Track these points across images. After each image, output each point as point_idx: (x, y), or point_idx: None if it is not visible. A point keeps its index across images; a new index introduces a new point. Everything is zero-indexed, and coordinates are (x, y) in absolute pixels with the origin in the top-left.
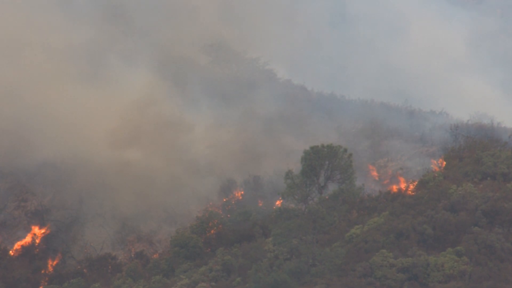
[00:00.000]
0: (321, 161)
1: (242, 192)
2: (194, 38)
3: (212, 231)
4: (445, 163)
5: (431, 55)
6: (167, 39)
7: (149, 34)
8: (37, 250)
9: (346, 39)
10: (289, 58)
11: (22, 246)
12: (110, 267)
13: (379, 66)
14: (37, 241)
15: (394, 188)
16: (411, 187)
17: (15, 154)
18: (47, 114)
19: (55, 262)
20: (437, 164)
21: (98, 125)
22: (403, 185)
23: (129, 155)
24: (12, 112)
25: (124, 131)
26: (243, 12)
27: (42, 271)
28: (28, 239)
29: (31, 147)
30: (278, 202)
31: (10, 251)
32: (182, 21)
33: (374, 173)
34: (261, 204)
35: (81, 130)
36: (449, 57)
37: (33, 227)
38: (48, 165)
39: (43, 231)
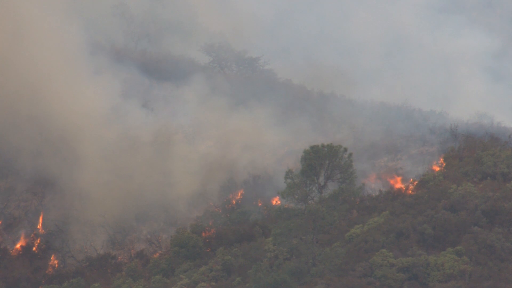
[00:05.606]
0: (321, 161)
1: (242, 192)
2: (194, 38)
3: (212, 231)
4: (445, 163)
5: (431, 55)
6: (167, 39)
7: (149, 34)
8: (37, 250)
9: (346, 39)
10: (288, 58)
11: (22, 246)
12: (110, 267)
13: (379, 66)
14: (37, 241)
15: (394, 187)
16: (411, 187)
17: (15, 154)
18: (46, 114)
19: (55, 262)
20: (437, 164)
21: (97, 126)
22: (403, 185)
23: (129, 155)
24: (12, 116)
25: (123, 132)
26: (243, 12)
27: (42, 271)
28: (28, 239)
29: (31, 146)
30: (274, 201)
31: (10, 251)
32: (182, 21)
33: (374, 173)
34: (261, 204)
35: (81, 130)
36: (449, 57)
37: (33, 227)
38: (48, 165)
39: (43, 231)
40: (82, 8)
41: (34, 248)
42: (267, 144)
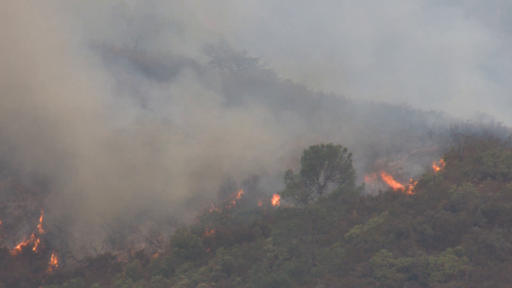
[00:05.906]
0: (321, 161)
1: (242, 192)
2: (194, 38)
3: (212, 231)
4: (445, 163)
5: (432, 55)
6: (166, 39)
7: (148, 33)
8: (37, 250)
9: (346, 39)
10: (289, 58)
11: (22, 246)
12: (110, 267)
13: (379, 66)
14: (37, 241)
15: (394, 187)
16: (411, 187)
17: (15, 154)
18: (43, 113)
19: (55, 262)
20: (437, 164)
21: (95, 125)
22: (403, 185)
23: (129, 155)
24: (11, 112)
25: (123, 132)
26: (239, 12)
27: (42, 271)
28: (28, 239)
29: (30, 146)
30: (274, 201)
31: (10, 251)
32: (182, 21)
33: (374, 173)
34: (261, 204)
35: (80, 129)
36: (449, 57)
37: (33, 227)
38: (48, 164)
39: (43, 231)
40: (81, 7)
41: (34, 248)
42: (266, 144)
